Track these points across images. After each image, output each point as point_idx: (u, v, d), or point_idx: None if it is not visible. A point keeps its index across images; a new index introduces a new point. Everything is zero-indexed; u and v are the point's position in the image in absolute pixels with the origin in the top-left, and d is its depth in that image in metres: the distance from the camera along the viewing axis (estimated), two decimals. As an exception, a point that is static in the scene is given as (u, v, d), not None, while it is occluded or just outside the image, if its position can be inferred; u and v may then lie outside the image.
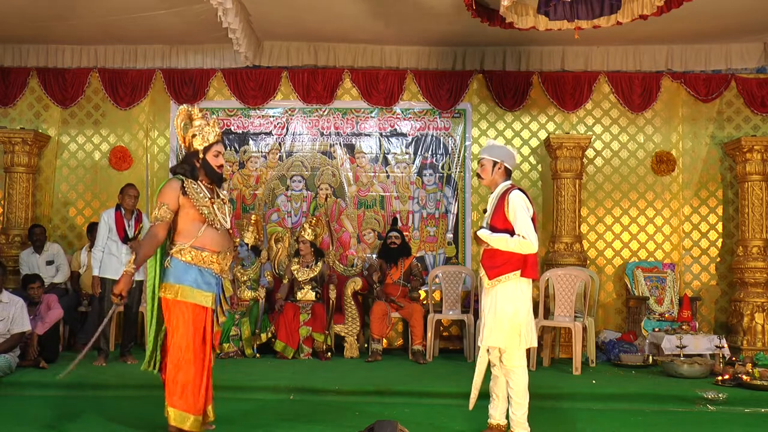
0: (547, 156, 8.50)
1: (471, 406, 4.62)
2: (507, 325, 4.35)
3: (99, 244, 6.88)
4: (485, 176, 4.55)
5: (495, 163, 4.51)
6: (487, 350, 4.48)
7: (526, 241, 4.32)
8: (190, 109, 4.51)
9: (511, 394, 4.41)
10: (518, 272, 4.37)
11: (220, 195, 4.51)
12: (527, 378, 4.42)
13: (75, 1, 7.19)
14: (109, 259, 6.83)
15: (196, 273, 4.28)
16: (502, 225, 4.38)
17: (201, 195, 4.35)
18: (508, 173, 4.55)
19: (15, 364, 6.25)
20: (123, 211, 6.98)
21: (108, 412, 5.19)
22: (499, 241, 4.37)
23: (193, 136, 4.40)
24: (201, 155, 4.39)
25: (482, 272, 4.49)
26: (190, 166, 4.42)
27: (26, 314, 6.40)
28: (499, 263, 4.38)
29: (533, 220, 4.41)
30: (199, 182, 4.40)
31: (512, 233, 4.36)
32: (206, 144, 4.39)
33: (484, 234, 4.43)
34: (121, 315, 7.34)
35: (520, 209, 4.35)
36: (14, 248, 8.19)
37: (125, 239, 6.88)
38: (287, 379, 6.14)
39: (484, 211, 4.69)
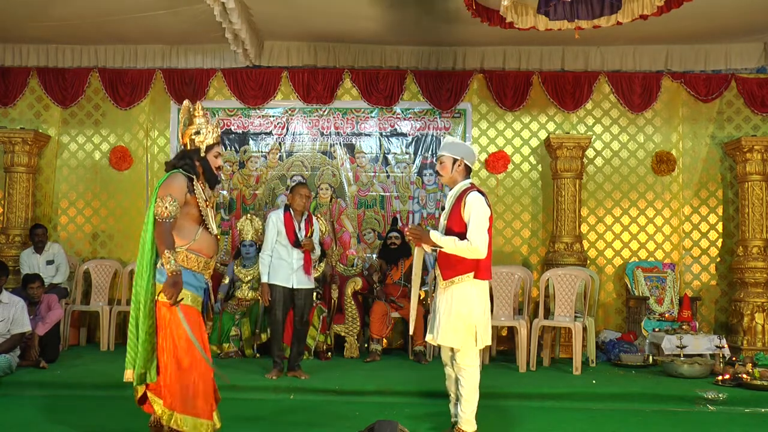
0: (547, 156, 8.50)
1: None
2: (462, 325, 4.37)
3: (267, 248, 6.31)
4: (444, 173, 4.51)
5: (455, 161, 4.47)
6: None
7: (473, 247, 4.27)
8: (191, 106, 4.34)
9: (461, 392, 4.46)
10: (471, 274, 4.37)
11: (209, 198, 4.31)
12: (479, 376, 4.48)
13: (76, 0, 7.20)
14: (279, 264, 6.28)
15: (191, 276, 4.10)
16: (457, 226, 4.35)
17: (202, 196, 4.19)
18: (468, 171, 4.53)
19: (15, 364, 6.26)
20: (293, 213, 6.42)
21: (107, 413, 5.20)
22: (446, 243, 4.32)
23: (196, 132, 4.22)
24: (203, 154, 4.23)
25: (438, 272, 4.49)
26: (191, 162, 4.21)
27: (26, 315, 6.41)
28: (453, 263, 4.37)
29: (490, 222, 4.38)
30: (197, 182, 4.21)
31: (464, 237, 4.32)
32: (209, 143, 4.24)
33: (435, 235, 4.36)
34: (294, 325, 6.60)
35: (476, 213, 4.30)
36: (14, 248, 8.20)
37: (296, 243, 6.32)
38: (287, 379, 6.16)
39: (442, 208, 4.68)
